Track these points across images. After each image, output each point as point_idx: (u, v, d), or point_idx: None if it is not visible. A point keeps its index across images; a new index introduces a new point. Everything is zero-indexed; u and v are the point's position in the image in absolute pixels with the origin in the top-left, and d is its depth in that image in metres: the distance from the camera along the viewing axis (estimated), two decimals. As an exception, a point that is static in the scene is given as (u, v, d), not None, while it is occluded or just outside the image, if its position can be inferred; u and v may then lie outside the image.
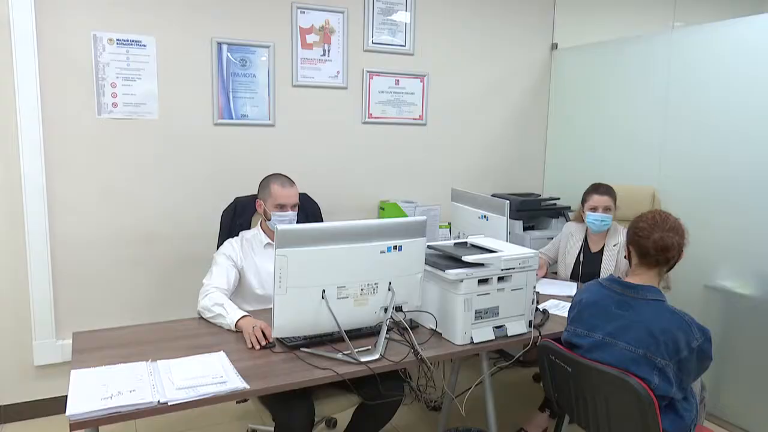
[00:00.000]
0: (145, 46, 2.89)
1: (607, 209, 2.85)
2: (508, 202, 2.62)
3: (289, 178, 2.48)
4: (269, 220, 2.43)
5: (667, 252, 1.86)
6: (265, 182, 2.48)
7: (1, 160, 2.71)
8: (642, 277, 1.90)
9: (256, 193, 2.53)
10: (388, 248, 1.91)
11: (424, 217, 2.03)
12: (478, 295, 2.07)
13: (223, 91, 3.09)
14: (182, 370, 1.76)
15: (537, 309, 2.35)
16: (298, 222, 2.63)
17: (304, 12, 3.22)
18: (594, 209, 2.86)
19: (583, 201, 2.94)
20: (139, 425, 2.80)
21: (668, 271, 1.95)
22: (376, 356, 1.91)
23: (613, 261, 2.86)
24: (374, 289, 1.92)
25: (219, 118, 3.10)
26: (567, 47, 3.98)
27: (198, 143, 3.07)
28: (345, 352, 1.91)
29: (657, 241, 1.84)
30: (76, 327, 2.67)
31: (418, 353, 1.95)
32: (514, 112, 3.98)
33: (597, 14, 4.17)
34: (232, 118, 3.13)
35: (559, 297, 2.65)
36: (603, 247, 2.91)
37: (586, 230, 3.00)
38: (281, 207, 2.40)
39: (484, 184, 3.89)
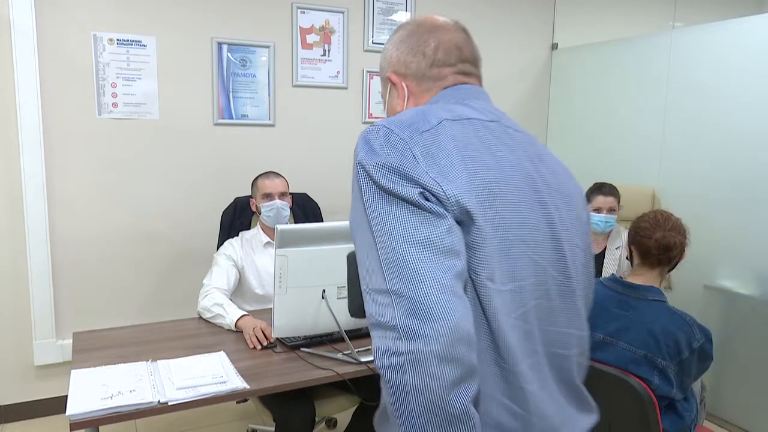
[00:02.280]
0: (145, 46, 2.89)
1: (611, 210, 2.83)
2: (508, 202, 2.61)
3: (275, 172, 2.52)
4: (261, 214, 2.44)
5: (670, 251, 1.86)
6: (254, 180, 2.53)
7: (2, 160, 2.71)
8: (643, 277, 1.90)
9: (256, 193, 2.54)
10: (388, 248, 1.91)
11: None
12: (478, 295, 2.06)
13: (223, 91, 3.09)
14: (182, 370, 1.76)
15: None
16: (298, 222, 2.63)
17: (304, 12, 3.22)
18: (598, 210, 2.84)
19: (586, 201, 2.92)
20: (139, 425, 2.80)
21: (670, 271, 1.95)
22: (376, 356, 1.91)
23: (615, 264, 2.84)
24: (374, 289, 1.92)
25: (219, 118, 3.10)
26: (567, 47, 3.98)
27: (198, 143, 3.07)
28: (345, 352, 1.91)
29: (659, 240, 1.84)
30: (76, 327, 2.68)
31: (419, 353, 1.94)
32: (514, 112, 3.98)
33: (597, 14, 4.17)
34: (232, 118, 3.13)
35: (559, 297, 2.64)
36: (604, 250, 2.91)
37: (587, 230, 2.99)
38: (268, 197, 2.42)
39: (484, 184, 3.88)
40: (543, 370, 0.91)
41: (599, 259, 2.91)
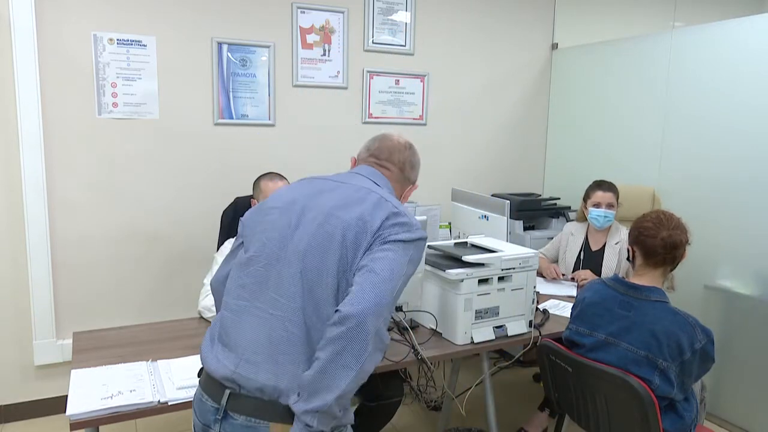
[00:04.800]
0: (145, 46, 2.89)
1: (610, 206, 2.85)
2: (509, 202, 2.62)
3: (278, 174, 2.49)
4: None
5: (675, 250, 1.86)
6: (256, 181, 2.50)
7: (2, 160, 2.71)
8: (646, 278, 1.89)
9: (255, 193, 2.53)
10: (388, 248, 1.91)
11: (424, 217, 2.04)
12: (478, 295, 2.07)
13: (224, 91, 3.09)
14: (182, 370, 1.76)
15: (537, 309, 2.35)
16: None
17: (304, 12, 3.22)
18: (597, 205, 2.86)
19: (586, 197, 2.94)
20: (139, 425, 2.80)
21: (672, 270, 1.95)
22: (377, 356, 1.91)
23: (615, 259, 2.86)
24: (374, 289, 1.92)
25: (219, 118, 3.10)
26: (567, 47, 3.98)
27: (198, 143, 3.07)
28: (345, 352, 1.90)
29: (665, 239, 1.84)
30: (76, 327, 2.68)
31: (419, 353, 1.95)
32: (514, 111, 3.98)
33: (597, 14, 4.17)
34: (232, 118, 3.13)
35: (559, 297, 2.65)
36: (604, 246, 2.91)
37: (587, 229, 3.00)
38: None
39: (484, 184, 3.89)
40: (252, 312, 1.35)
41: (598, 255, 2.91)
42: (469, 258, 2.07)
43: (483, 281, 2.08)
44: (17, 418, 2.88)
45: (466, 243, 2.37)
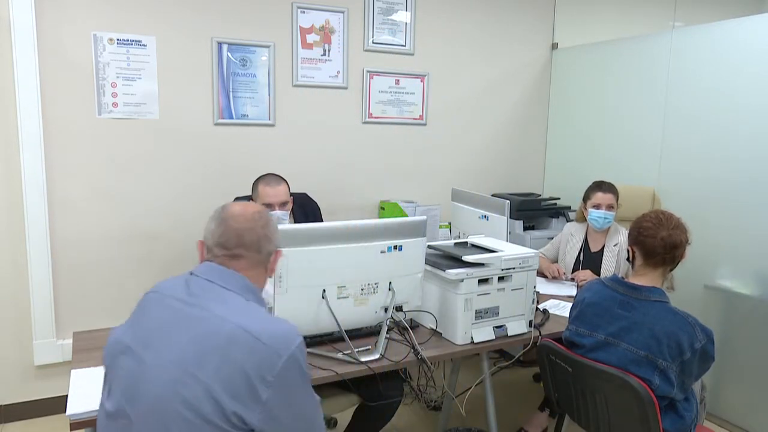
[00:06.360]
0: (145, 46, 2.89)
1: (610, 207, 2.85)
2: (509, 202, 2.62)
3: (277, 177, 2.48)
4: None
5: (675, 249, 1.86)
6: (255, 183, 2.49)
7: (2, 160, 2.71)
8: (646, 278, 1.89)
9: (256, 193, 2.53)
10: (388, 248, 1.92)
11: (424, 217, 2.03)
12: (478, 294, 2.07)
13: (224, 91, 3.09)
14: (182, 370, 1.75)
15: (537, 309, 2.35)
16: (298, 222, 2.63)
17: (304, 12, 3.22)
18: (597, 207, 2.86)
19: (586, 198, 2.93)
20: (139, 425, 2.80)
21: (672, 270, 1.95)
22: (377, 356, 1.91)
23: (614, 260, 2.86)
24: (374, 289, 1.92)
25: (219, 118, 3.10)
26: (567, 47, 3.98)
27: (198, 143, 3.07)
28: (345, 352, 1.91)
29: (665, 239, 1.84)
30: (76, 327, 2.68)
31: (419, 353, 1.95)
32: (514, 112, 3.98)
33: (597, 14, 4.17)
34: (232, 118, 3.13)
35: (559, 297, 2.65)
36: (603, 247, 2.91)
37: (587, 230, 3.00)
38: (268, 206, 2.40)
39: (484, 184, 3.89)
40: None
41: (598, 257, 2.91)
42: (469, 258, 2.07)
43: (483, 281, 2.08)
44: (17, 418, 2.88)
45: (466, 243, 2.37)
